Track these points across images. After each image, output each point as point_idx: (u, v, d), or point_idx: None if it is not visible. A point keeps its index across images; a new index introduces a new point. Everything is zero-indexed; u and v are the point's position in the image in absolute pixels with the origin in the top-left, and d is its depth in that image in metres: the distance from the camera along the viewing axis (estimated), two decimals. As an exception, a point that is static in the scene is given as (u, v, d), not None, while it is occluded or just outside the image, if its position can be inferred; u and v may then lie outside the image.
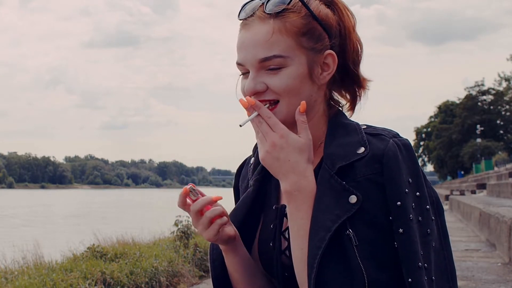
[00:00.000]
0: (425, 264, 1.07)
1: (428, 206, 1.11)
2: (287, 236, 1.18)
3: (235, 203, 1.39)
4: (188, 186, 1.19)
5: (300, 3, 1.16)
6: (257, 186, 1.27)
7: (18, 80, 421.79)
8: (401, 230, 1.07)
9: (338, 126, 1.19)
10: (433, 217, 1.12)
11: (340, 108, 1.26)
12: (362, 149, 1.12)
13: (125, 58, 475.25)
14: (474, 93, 66.44)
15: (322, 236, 1.07)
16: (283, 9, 1.14)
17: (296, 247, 1.12)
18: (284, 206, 1.20)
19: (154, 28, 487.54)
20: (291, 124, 1.17)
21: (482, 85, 66.44)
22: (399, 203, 1.07)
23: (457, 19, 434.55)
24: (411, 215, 1.08)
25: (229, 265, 1.24)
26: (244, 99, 1.14)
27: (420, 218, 1.09)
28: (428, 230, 1.10)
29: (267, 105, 1.16)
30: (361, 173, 1.10)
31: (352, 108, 1.27)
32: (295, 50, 1.14)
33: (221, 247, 1.23)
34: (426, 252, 1.09)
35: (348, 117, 1.25)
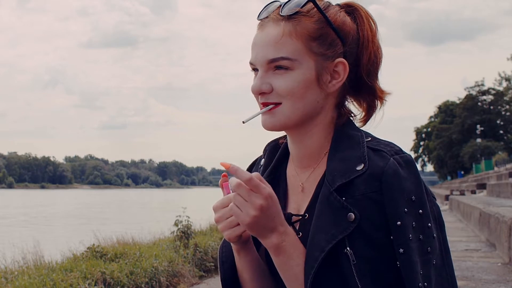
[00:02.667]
0: (425, 283, 1.07)
1: (430, 224, 1.10)
2: None
3: None
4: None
5: (316, 8, 1.16)
6: None
7: (17, 81, 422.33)
8: (401, 250, 1.06)
9: (343, 137, 1.18)
10: (434, 234, 1.10)
11: (352, 118, 1.23)
12: (361, 166, 1.10)
13: (123, 58, 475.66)
14: (474, 93, 66.49)
15: (316, 257, 1.08)
16: (296, 12, 1.14)
17: None
18: (291, 214, 1.20)
19: (152, 28, 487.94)
20: (291, 127, 1.17)
21: (482, 85, 66.53)
22: (399, 222, 1.06)
23: (455, 19, 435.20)
24: (410, 235, 1.06)
25: (239, 265, 1.23)
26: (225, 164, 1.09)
27: (421, 237, 1.08)
28: (429, 248, 1.09)
29: (269, 106, 1.15)
30: (359, 191, 1.09)
31: (366, 119, 1.25)
32: (304, 54, 1.13)
33: (235, 247, 1.21)
34: (426, 271, 1.08)
35: (360, 127, 1.23)
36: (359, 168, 1.10)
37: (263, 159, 1.32)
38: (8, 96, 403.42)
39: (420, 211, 1.09)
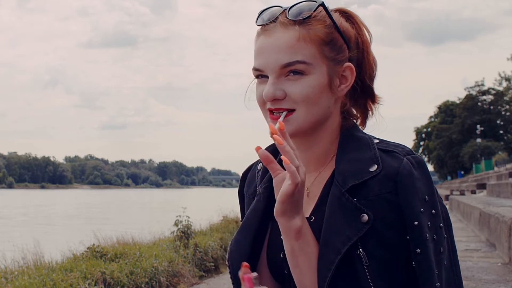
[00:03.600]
0: (438, 283, 1.07)
1: (441, 224, 1.10)
2: None
3: (240, 207, 1.37)
4: (253, 275, 1.07)
5: (324, 13, 1.16)
6: (266, 193, 1.24)
7: (17, 81, 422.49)
8: (418, 250, 1.06)
9: (350, 139, 1.18)
10: (444, 235, 1.11)
11: (355, 121, 1.24)
12: (374, 167, 1.10)
13: (123, 58, 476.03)
14: (474, 93, 66.52)
15: (332, 259, 1.07)
16: (308, 16, 1.14)
17: (308, 280, 1.10)
18: None
19: (152, 28, 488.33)
20: (304, 133, 1.16)
21: (482, 85, 66.58)
22: (416, 222, 1.06)
23: (455, 19, 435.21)
24: (427, 235, 1.07)
25: None
26: (275, 127, 1.06)
27: (435, 237, 1.09)
28: (441, 249, 1.10)
29: (284, 112, 1.13)
30: (373, 192, 1.09)
31: (364, 122, 1.25)
32: (317, 58, 1.13)
33: None
34: (440, 271, 1.08)
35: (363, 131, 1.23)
36: (372, 169, 1.10)
37: (260, 163, 1.30)
38: (8, 96, 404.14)
39: (433, 211, 1.09)
